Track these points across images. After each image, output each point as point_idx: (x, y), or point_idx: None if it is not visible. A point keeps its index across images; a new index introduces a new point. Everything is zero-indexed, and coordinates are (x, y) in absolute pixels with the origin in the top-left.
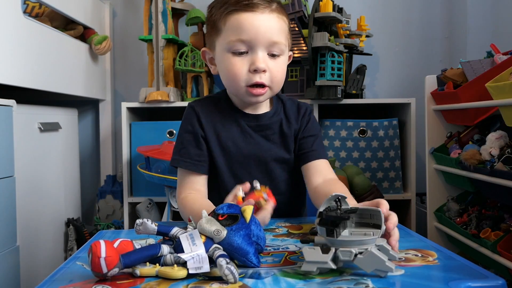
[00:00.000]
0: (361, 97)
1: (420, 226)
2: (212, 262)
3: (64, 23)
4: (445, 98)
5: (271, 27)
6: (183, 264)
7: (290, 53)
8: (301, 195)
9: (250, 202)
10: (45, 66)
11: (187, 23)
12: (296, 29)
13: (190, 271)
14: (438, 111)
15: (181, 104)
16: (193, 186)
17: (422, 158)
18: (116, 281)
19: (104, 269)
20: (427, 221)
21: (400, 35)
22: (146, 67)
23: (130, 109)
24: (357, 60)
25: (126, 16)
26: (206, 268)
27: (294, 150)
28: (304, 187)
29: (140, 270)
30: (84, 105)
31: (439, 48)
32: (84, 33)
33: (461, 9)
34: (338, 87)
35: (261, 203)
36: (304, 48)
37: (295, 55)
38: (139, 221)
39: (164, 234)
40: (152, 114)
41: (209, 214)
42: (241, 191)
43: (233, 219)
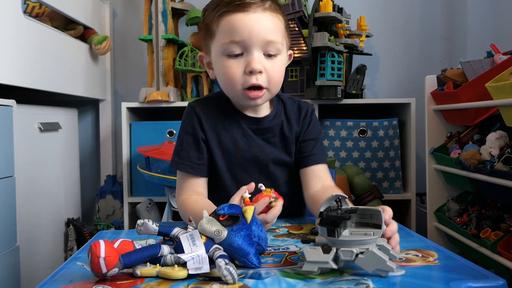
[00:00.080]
0: (361, 97)
1: (420, 226)
2: (213, 262)
3: (64, 23)
4: (445, 98)
5: (265, 26)
6: (183, 265)
7: (290, 52)
8: (301, 196)
9: (265, 201)
10: (45, 66)
11: (187, 23)
12: (296, 29)
13: (190, 272)
14: (438, 111)
15: (181, 104)
16: (193, 188)
17: (422, 158)
18: (116, 281)
19: (104, 269)
20: (427, 221)
21: (400, 35)
22: (146, 67)
23: (130, 109)
24: (357, 60)
25: (126, 16)
26: (206, 268)
27: (294, 153)
28: None
29: (140, 271)
30: (84, 105)
31: (439, 48)
32: (84, 33)
33: (461, 9)
34: (338, 87)
35: (272, 202)
36: (304, 48)
37: (295, 55)
38: (140, 222)
39: (165, 235)
40: (152, 114)
41: (210, 215)
42: (247, 192)
43: (234, 219)
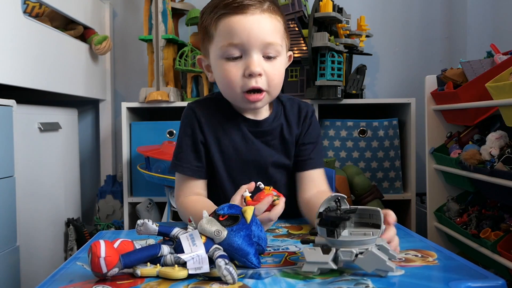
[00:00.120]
0: (361, 97)
1: (420, 226)
2: (212, 262)
3: (64, 23)
4: (445, 98)
5: (264, 27)
6: (183, 265)
7: (289, 53)
8: None
9: (269, 199)
10: (45, 66)
11: (187, 23)
12: (296, 29)
13: (190, 272)
14: (438, 111)
15: (181, 104)
16: (192, 190)
17: (422, 158)
18: (117, 281)
19: (104, 269)
20: (427, 221)
21: (400, 35)
22: (146, 67)
23: (130, 109)
24: (357, 60)
25: (126, 16)
26: (206, 268)
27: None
28: None
29: (141, 271)
30: (84, 105)
31: (439, 48)
32: (84, 33)
33: (461, 9)
34: (338, 87)
35: (275, 200)
36: (304, 48)
37: (295, 55)
38: (140, 222)
39: (165, 235)
40: (152, 114)
41: (209, 215)
42: (247, 191)
43: (233, 219)
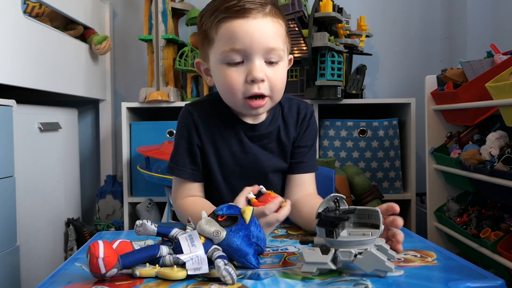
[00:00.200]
0: (361, 97)
1: (420, 226)
2: (211, 263)
3: (64, 23)
4: (445, 98)
5: (266, 32)
6: (183, 265)
7: (290, 57)
8: None
9: (279, 200)
10: (45, 66)
11: (187, 23)
12: (296, 29)
13: (189, 272)
14: (438, 111)
15: (181, 104)
16: (189, 193)
17: (422, 158)
18: (115, 282)
19: (103, 270)
20: (427, 221)
21: (400, 35)
22: (146, 67)
23: (130, 109)
24: (357, 60)
25: (126, 16)
26: (205, 269)
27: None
28: None
29: (139, 271)
30: (84, 105)
31: (439, 48)
32: (84, 33)
33: (461, 9)
34: (338, 87)
35: (282, 202)
36: (304, 48)
37: (295, 55)
38: (138, 222)
39: (164, 235)
40: (152, 114)
41: (208, 215)
42: (251, 193)
43: (232, 220)
